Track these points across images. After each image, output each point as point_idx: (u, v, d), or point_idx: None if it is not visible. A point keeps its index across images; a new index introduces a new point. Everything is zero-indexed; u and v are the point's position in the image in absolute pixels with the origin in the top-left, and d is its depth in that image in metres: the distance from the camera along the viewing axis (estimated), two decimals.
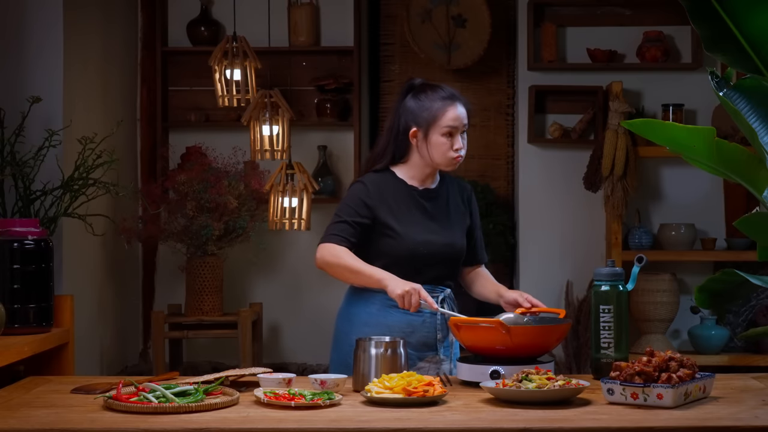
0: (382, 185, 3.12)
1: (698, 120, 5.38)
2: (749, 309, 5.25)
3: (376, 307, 3.07)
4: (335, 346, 3.18)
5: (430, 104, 3.10)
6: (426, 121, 3.10)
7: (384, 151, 3.18)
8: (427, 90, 3.14)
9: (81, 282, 4.48)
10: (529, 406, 2.46)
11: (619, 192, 5.09)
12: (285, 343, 5.61)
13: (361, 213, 3.06)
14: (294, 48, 5.53)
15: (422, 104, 3.11)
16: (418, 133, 3.11)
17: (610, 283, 2.85)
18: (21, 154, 3.88)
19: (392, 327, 3.03)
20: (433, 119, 3.09)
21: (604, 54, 5.39)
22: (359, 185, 3.13)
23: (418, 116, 3.10)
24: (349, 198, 3.12)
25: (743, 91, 2.67)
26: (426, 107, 3.10)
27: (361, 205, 3.07)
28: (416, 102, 3.12)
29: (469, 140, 3.20)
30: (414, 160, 3.15)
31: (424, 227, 3.10)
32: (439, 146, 3.09)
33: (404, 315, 3.04)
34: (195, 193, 5.00)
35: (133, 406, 2.42)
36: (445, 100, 3.11)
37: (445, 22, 5.62)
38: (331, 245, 3.04)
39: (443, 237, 3.12)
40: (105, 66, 4.93)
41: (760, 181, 2.64)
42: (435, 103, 3.10)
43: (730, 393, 2.65)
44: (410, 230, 3.08)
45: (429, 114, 3.09)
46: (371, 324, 3.04)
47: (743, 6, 2.57)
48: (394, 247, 3.07)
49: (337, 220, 3.08)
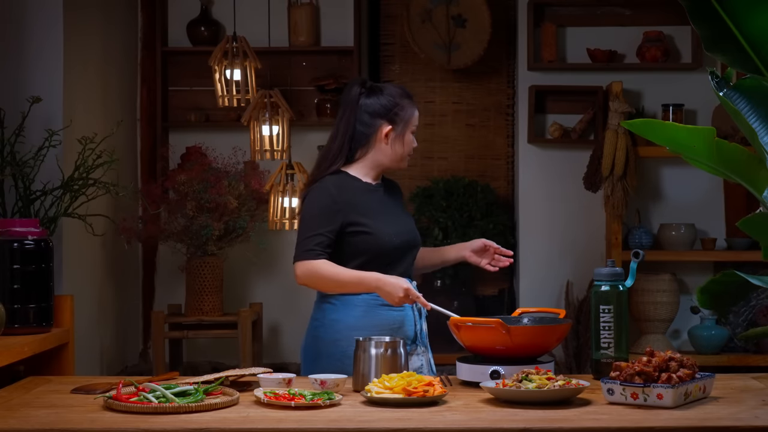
0: (344, 185, 3.11)
1: (698, 120, 5.38)
2: (749, 309, 5.25)
3: (361, 309, 3.07)
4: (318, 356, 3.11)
5: (405, 105, 3.15)
6: (402, 119, 3.14)
7: (340, 152, 3.16)
8: (383, 89, 3.16)
9: (81, 282, 4.48)
10: (529, 406, 2.46)
11: (619, 192, 5.09)
12: (285, 343, 5.61)
13: (331, 221, 3.04)
14: (294, 48, 5.53)
15: (394, 101, 3.14)
16: (392, 132, 3.12)
17: (610, 283, 2.85)
18: (21, 154, 3.88)
19: (380, 326, 3.03)
20: (409, 118, 3.16)
21: (604, 54, 5.39)
22: (322, 192, 3.08)
23: (395, 115, 3.13)
24: (315, 207, 3.07)
25: (743, 91, 2.67)
26: (399, 105, 3.14)
27: (330, 213, 3.05)
28: (384, 100, 3.13)
29: (469, 140, 3.23)
30: (369, 157, 3.15)
31: (389, 220, 3.14)
32: (409, 144, 3.18)
33: (389, 312, 3.05)
34: (195, 193, 5.00)
35: (133, 406, 2.42)
36: (409, 99, 3.18)
37: (445, 22, 5.62)
38: (309, 262, 3.01)
39: (406, 226, 3.18)
40: (105, 66, 4.93)
41: (760, 181, 2.63)
42: (408, 103, 3.16)
43: (730, 393, 2.65)
44: (380, 224, 3.09)
45: (404, 113, 3.15)
46: (359, 327, 3.02)
47: (743, 6, 2.57)
48: (370, 244, 3.07)
49: (309, 233, 3.03)
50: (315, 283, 3.05)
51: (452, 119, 5.83)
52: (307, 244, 3.02)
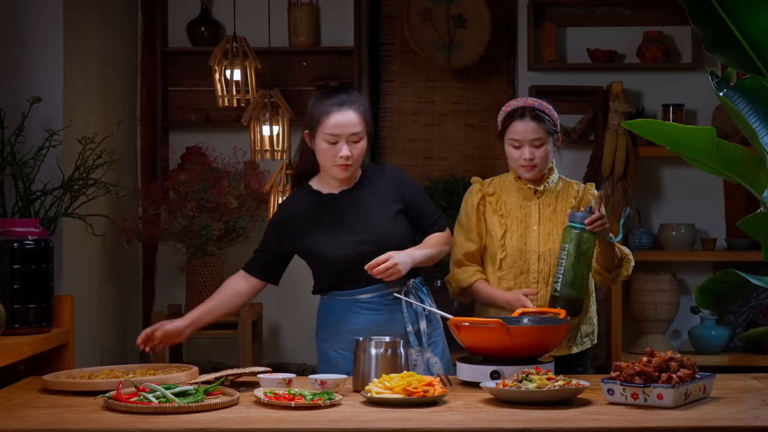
0: (296, 207, 3.12)
1: (698, 120, 5.38)
2: (749, 309, 5.26)
3: (338, 311, 3.10)
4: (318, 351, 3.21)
5: (318, 108, 3.04)
6: (311, 125, 3.06)
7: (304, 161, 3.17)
8: (324, 94, 3.07)
9: (81, 282, 4.48)
10: (529, 406, 2.46)
11: (620, 192, 5.09)
12: (285, 343, 5.61)
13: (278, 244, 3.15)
14: (294, 48, 5.53)
15: (313, 107, 3.07)
16: (308, 136, 3.09)
17: (574, 225, 3.15)
18: (21, 154, 3.88)
19: (357, 330, 3.01)
20: (317, 124, 3.03)
21: (604, 54, 5.39)
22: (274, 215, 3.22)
23: (309, 119, 3.07)
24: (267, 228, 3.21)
25: (743, 91, 2.67)
26: (314, 111, 3.05)
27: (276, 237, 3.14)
28: (311, 104, 3.09)
29: (469, 140, 3.20)
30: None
31: (345, 232, 3.06)
32: (322, 152, 3.04)
33: (369, 315, 3.05)
34: (195, 193, 5.00)
35: (133, 406, 2.42)
36: (332, 105, 3.02)
37: (445, 22, 5.62)
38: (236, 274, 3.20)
39: (368, 235, 3.06)
40: (105, 66, 4.93)
41: (760, 181, 2.64)
42: (323, 107, 3.03)
43: (730, 393, 2.65)
44: (330, 241, 3.06)
45: (313, 119, 3.05)
46: (339, 331, 3.07)
47: (743, 6, 2.57)
48: (323, 262, 3.08)
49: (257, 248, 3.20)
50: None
51: (452, 119, 5.83)
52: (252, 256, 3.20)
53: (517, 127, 3.31)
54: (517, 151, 3.30)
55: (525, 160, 3.29)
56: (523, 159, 3.29)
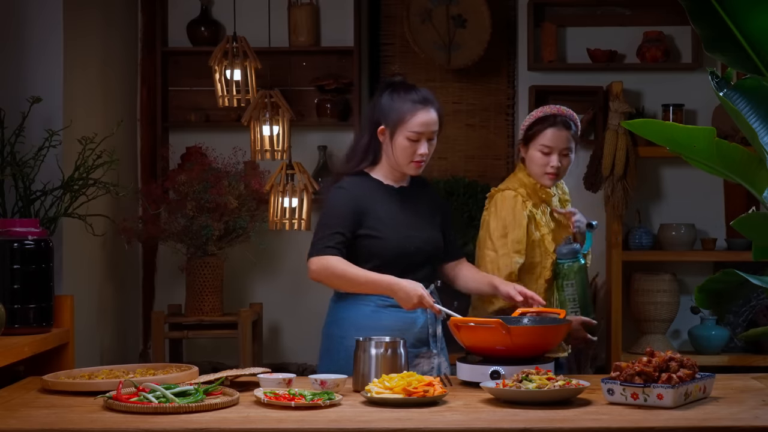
0: (362, 189, 3.11)
1: (698, 120, 5.38)
2: (749, 309, 5.25)
3: (370, 308, 3.07)
4: (328, 352, 3.15)
5: (400, 105, 3.07)
6: (393, 121, 3.08)
7: (365, 151, 3.16)
8: (401, 90, 3.11)
9: (81, 282, 4.48)
10: (529, 406, 2.46)
11: (620, 192, 5.09)
12: (285, 343, 5.61)
13: (349, 221, 3.05)
14: (294, 48, 5.53)
15: (393, 104, 3.09)
16: (386, 131, 3.10)
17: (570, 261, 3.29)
18: (21, 154, 3.88)
19: (388, 327, 3.02)
20: (400, 121, 3.07)
21: (604, 54, 5.39)
22: (341, 192, 3.11)
23: (388, 115, 3.09)
24: (335, 206, 3.10)
25: (743, 91, 2.67)
26: (395, 107, 3.08)
27: (348, 214, 3.06)
28: (389, 100, 3.10)
29: (469, 140, 3.21)
30: (385, 159, 3.15)
31: (406, 225, 3.11)
32: (402, 149, 3.08)
33: (398, 313, 3.04)
34: (195, 193, 5.00)
35: (133, 406, 2.42)
36: (416, 103, 3.07)
37: (445, 22, 5.62)
38: (325, 258, 3.02)
39: (424, 233, 3.14)
40: (105, 66, 4.93)
41: (760, 181, 2.64)
42: (405, 104, 3.07)
43: (730, 393, 2.65)
44: (392, 230, 3.08)
45: (397, 115, 3.07)
46: (366, 327, 3.02)
47: (743, 6, 2.57)
48: (381, 249, 3.06)
49: (327, 231, 3.05)
50: (328, 279, 3.04)
51: (452, 119, 5.82)
52: (324, 241, 3.04)
53: (551, 134, 3.34)
54: (546, 157, 3.34)
55: (552, 168, 3.34)
56: (550, 166, 3.34)
